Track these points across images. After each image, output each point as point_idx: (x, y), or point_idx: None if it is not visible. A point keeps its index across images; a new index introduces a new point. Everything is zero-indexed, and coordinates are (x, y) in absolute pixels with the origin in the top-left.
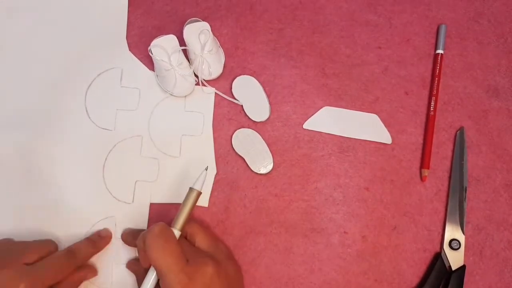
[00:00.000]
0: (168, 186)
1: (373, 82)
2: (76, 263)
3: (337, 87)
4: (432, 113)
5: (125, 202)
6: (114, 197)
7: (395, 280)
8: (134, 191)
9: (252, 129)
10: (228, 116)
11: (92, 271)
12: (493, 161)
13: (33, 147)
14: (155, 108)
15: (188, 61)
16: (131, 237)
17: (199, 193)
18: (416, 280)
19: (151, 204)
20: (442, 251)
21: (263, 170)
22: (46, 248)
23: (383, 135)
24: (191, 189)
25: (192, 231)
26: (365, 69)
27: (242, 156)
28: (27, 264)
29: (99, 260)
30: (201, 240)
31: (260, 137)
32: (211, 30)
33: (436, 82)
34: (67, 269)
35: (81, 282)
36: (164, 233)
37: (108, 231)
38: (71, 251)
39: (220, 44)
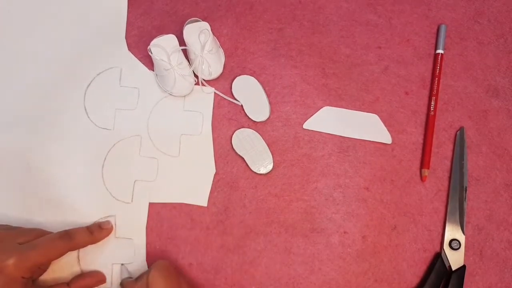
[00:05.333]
0: (167, 186)
1: (373, 82)
2: (70, 247)
3: (337, 87)
4: (432, 113)
5: (124, 201)
6: (113, 196)
7: (395, 280)
8: (133, 190)
9: (252, 129)
10: (228, 116)
11: (101, 278)
12: (493, 161)
13: (32, 146)
14: (154, 107)
15: (188, 61)
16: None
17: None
18: (416, 280)
19: (150, 204)
20: (442, 251)
21: (263, 170)
22: (42, 232)
23: (383, 135)
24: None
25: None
26: (365, 69)
27: (242, 156)
28: (20, 244)
29: (98, 260)
30: None
31: (260, 137)
32: (211, 30)
33: (436, 82)
34: (59, 249)
35: None
36: (167, 269)
37: (110, 223)
38: (67, 233)
39: (220, 44)
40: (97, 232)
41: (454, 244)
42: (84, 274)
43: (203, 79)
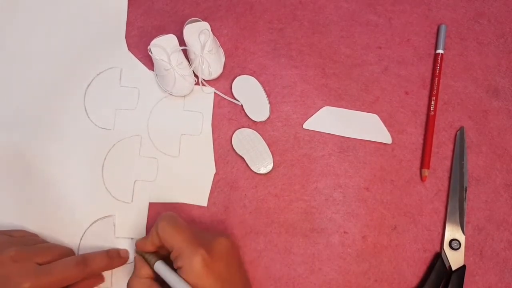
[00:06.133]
0: (167, 186)
1: (373, 82)
2: (86, 272)
3: (337, 87)
4: (432, 113)
5: (124, 201)
6: (113, 196)
7: (395, 280)
8: (133, 190)
9: (252, 129)
10: (228, 116)
11: (100, 278)
12: (493, 161)
13: (32, 146)
14: (154, 107)
15: (188, 61)
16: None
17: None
18: (416, 280)
19: (150, 204)
20: (442, 251)
21: (263, 170)
22: (61, 251)
23: (383, 135)
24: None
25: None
26: (365, 69)
27: (242, 156)
28: (39, 264)
29: None
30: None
31: (260, 137)
32: (211, 30)
33: (436, 82)
34: (75, 275)
35: None
36: (174, 218)
37: (128, 252)
38: (85, 259)
39: (220, 44)
40: (116, 259)
41: (454, 244)
42: (83, 280)
43: (203, 79)
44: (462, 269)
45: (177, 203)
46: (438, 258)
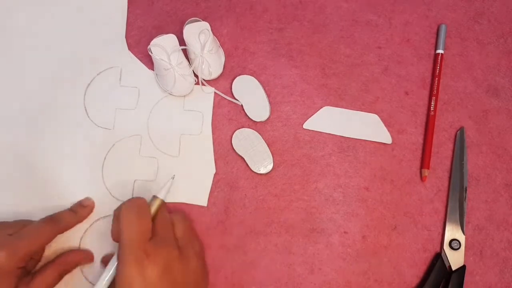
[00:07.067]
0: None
1: (373, 82)
2: (57, 230)
3: (337, 87)
4: (432, 113)
5: (124, 201)
6: (113, 196)
7: (395, 280)
8: (133, 190)
9: (252, 129)
10: (228, 116)
11: (89, 257)
12: (493, 161)
13: (32, 146)
14: (154, 107)
15: (188, 60)
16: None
17: (162, 201)
18: (416, 280)
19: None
20: (442, 251)
21: (263, 170)
22: (28, 222)
23: (383, 135)
24: (154, 197)
25: (175, 220)
26: (365, 69)
27: (242, 156)
28: (10, 235)
29: (98, 261)
30: (177, 230)
31: (260, 137)
32: (211, 30)
33: (436, 82)
34: (48, 234)
35: (76, 266)
36: (139, 207)
37: (90, 200)
38: (53, 218)
39: (220, 44)
40: (80, 210)
41: (454, 244)
42: (72, 250)
43: (203, 79)
44: (462, 269)
45: (177, 203)
46: (438, 258)
